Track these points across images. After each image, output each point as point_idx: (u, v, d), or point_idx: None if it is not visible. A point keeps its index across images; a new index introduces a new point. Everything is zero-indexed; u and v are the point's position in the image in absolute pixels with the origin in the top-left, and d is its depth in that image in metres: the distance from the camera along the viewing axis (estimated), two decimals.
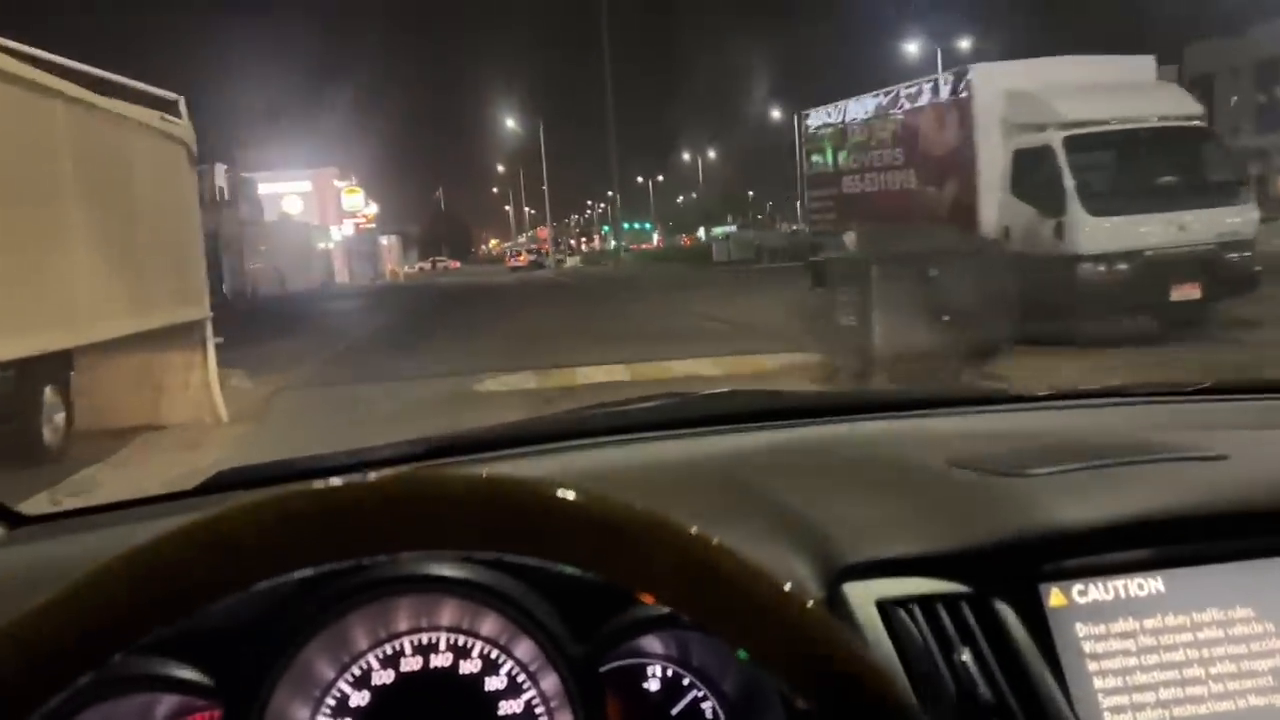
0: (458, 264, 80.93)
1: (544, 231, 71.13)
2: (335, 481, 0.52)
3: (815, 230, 15.97)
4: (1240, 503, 0.82)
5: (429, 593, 0.72)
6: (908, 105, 13.05)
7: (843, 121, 14.74)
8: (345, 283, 53.70)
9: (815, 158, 15.77)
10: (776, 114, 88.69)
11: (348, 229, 66.38)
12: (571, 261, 68.28)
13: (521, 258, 68.20)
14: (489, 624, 0.74)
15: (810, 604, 0.50)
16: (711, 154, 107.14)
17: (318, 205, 71.12)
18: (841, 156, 14.65)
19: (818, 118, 15.87)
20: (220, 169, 41.66)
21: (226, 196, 40.69)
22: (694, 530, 0.52)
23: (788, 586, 0.50)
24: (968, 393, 1.72)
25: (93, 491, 5.94)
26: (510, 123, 59.72)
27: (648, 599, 0.54)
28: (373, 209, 77.53)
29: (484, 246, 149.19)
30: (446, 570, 0.70)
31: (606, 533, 0.52)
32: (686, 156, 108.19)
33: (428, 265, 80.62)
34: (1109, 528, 0.78)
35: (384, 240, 78.99)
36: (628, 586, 0.53)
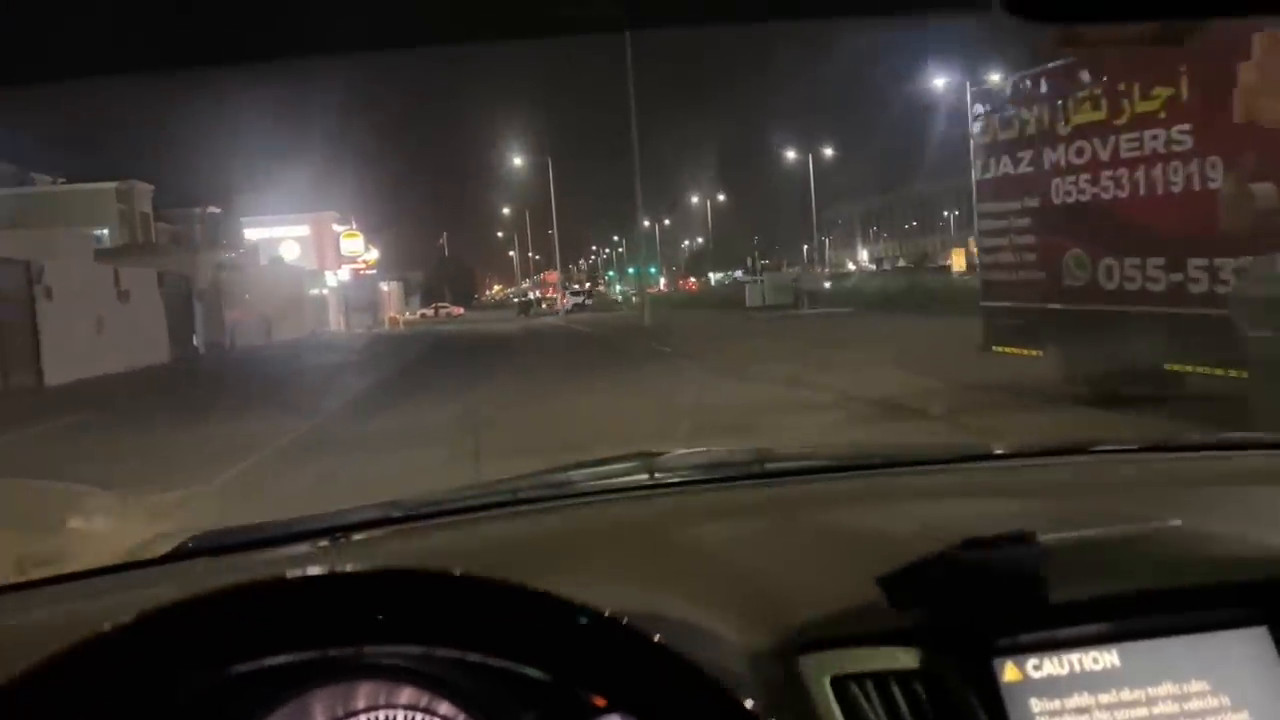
0: (461, 310, 76.62)
1: (552, 275, 66.91)
2: (310, 569, 0.54)
3: (991, 261, 10.56)
4: (1195, 575, 0.81)
5: (388, 680, 0.73)
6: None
7: (1052, 91, 9.31)
8: (339, 331, 49.33)
9: (992, 159, 10.32)
10: (790, 154, 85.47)
11: (344, 274, 62.25)
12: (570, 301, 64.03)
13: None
14: (445, 708, 0.74)
15: (754, 708, 0.52)
16: (721, 197, 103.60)
17: (316, 250, 67.30)
18: (1052, 149, 9.31)
19: (1004, 93, 10.25)
20: (196, 212, 37.57)
21: (199, 239, 36.25)
22: (651, 636, 0.54)
23: (747, 703, 0.53)
24: (933, 451, 1.50)
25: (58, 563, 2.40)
26: (517, 160, 55.62)
27: (599, 701, 0.57)
28: (374, 254, 73.75)
29: (488, 292, 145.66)
30: (408, 661, 0.70)
31: (562, 634, 0.54)
32: (695, 199, 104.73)
33: (430, 311, 76.23)
34: (1063, 600, 0.77)
35: (384, 286, 74.97)
36: (579, 688, 0.56)
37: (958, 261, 56.34)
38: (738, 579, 0.86)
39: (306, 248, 66.93)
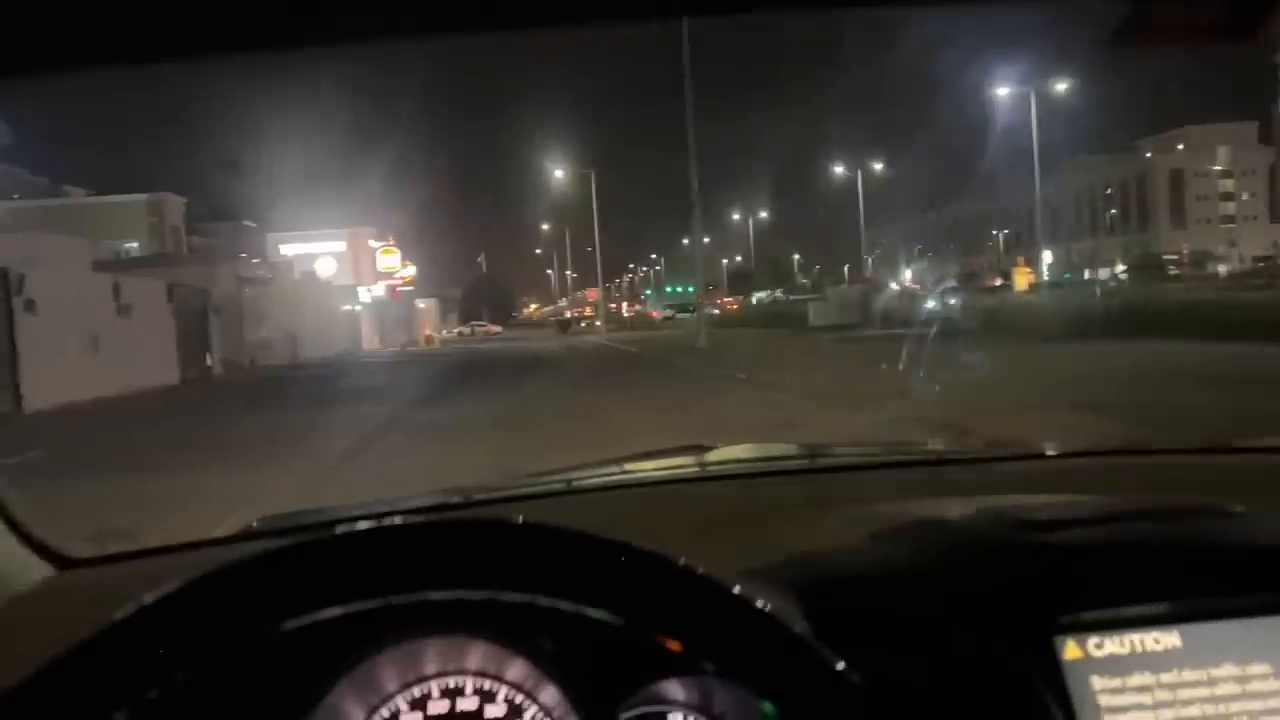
0: (498, 329, 73.84)
1: (594, 293, 63.97)
2: (376, 523, 0.55)
3: None
4: (1258, 557, 0.81)
5: (456, 635, 0.72)
6: None
7: None
8: (373, 349, 46.59)
9: None
10: (839, 169, 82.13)
11: (379, 290, 59.71)
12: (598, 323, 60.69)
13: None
14: (515, 669, 0.73)
15: (839, 664, 0.52)
16: (763, 214, 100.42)
17: (352, 266, 65.08)
18: None
19: None
20: (227, 225, 35.05)
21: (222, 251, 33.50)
22: (722, 579, 0.54)
23: (814, 643, 0.52)
24: (981, 451, 1.50)
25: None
26: (558, 173, 52.76)
27: (673, 645, 0.56)
28: (410, 271, 71.42)
29: (525, 311, 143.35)
30: (474, 612, 0.68)
31: (635, 578, 0.54)
32: (736, 217, 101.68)
33: (467, 330, 73.59)
34: (1126, 581, 0.77)
35: (420, 304, 72.49)
36: (654, 632, 0.56)
37: (1020, 280, 52.97)
38: (793, 563, 0.85)
39: (343, 264, 64.86)
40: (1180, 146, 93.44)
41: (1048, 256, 59.25)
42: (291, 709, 0.67)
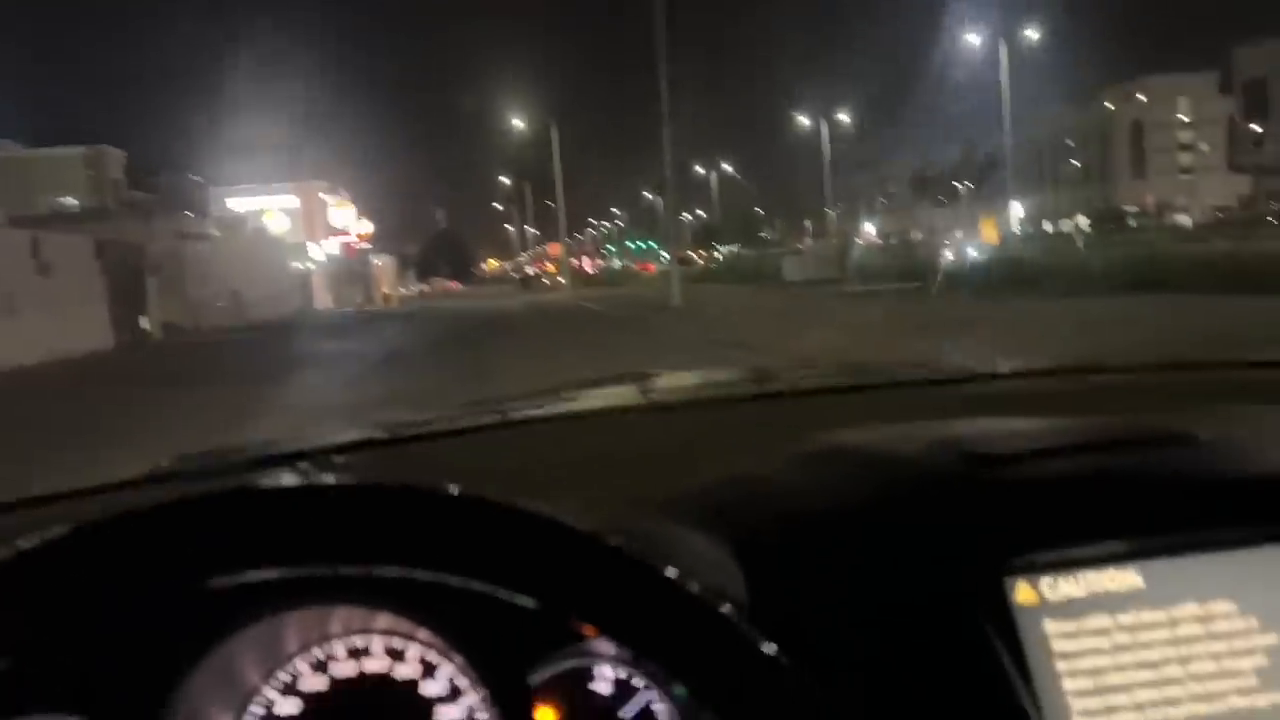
0: (458, 285, 71.48)
1: (555, 248, 61.90)
2: (290, 473, 0.53)
3: None
4: (1219, 489, 0.76)
5: (363, 604, 0.69)
6: None
7: None
8: (327, 309, 44.35)
9: None
10: (803, 120, 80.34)
11: (332, 247, 57.25)
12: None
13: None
14: (424, 633, 0.70)
15: (763, 645, 0.51)
16: (727, 168, 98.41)
17: (305, 222, 62.62)
18: None
19: None
20: (165, 178, 32.51)
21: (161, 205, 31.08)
22: (646, 560, 0.52)
23: (735, 618, 0.51)
24: (935, 372, 1.44)
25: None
26: (517, 122, 50.41)
27: (589, 630, 0.54)
28: (366, 227, 68.96)
29: (484, 266, 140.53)
30: (384, 585, 0.63)
31: (554, 559, 0.52)
32: (699, 170, 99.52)
33: (426, 287, 71.21)
34: (1082, 518, 0.72)
35: (377, 260, 70.06)
36: (570, 616, 0.54)
37: (988, 233, 51.77)
38: (725, 500, 0.81)
39: (295, 219, 62.35)
40: (1140, 97, 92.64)
41: (1017, 208, 58.01)
42: (174, 664, 0.64)
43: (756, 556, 0.70)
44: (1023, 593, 0.68)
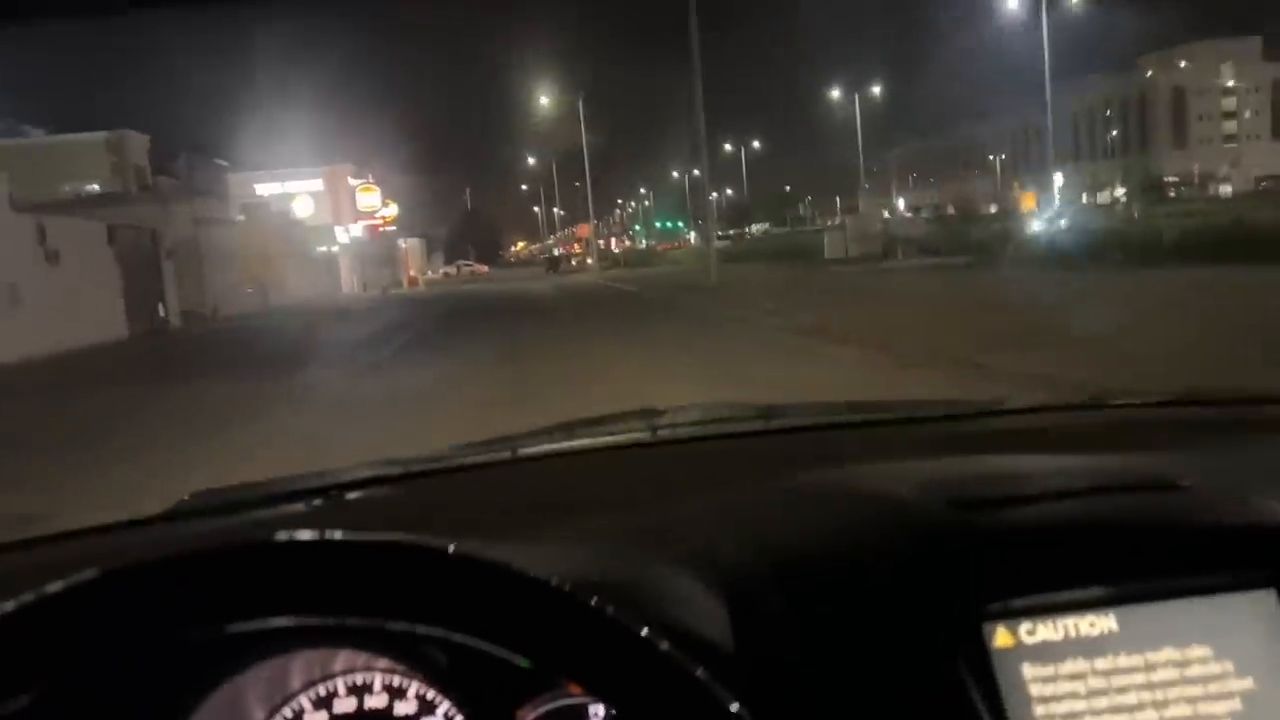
0: (485, 268, 70.28)
1: (584, 229, 60.56)
2: (296, 534, 0.55)
3: None
4: (1198, 534, 0.77)
5: (365, 650, 0.71)
6: None
7: None
8: (352, 294, 43.36)
9: None
10: (835, 94, 78.26)
11: (357, 230, 56.22)
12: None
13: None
14: (418, 681, 0.73)
15: (732, 706, 0.53)
16: (756, 145, 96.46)
17: (331, 206, 61.74)
18: None
19: None
20: (182, 161, 31.37)
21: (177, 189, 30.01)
22: (624, 620, 0.54)
23: (712, 686, 0.53)
24: (924, 408, 1.49)
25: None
26: (544, 100, 49.04)
27: (574, 689, 0.57)
28: (392, 210, 67.97)
29: (512, 249, 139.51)
30: (387, 636, 0.64)
31: (545, 620, 0.55)
32: (728, 148, 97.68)
33: (453, 270, 70.10)
34: (1061, 564, 0.73)
35: (403, 244, 69.07)
36: (558, 675, 0.57)
37: (1027, 203, 49.80)
38: (721, 537, 0.83)
39: (321, 203, 61.46)
40: (1183, 63, 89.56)
41: (1059, 179, 55.92)
42: (182, 701, 0.65)
43: (740, 596, 0.71)
44: (1001, 637, 0.68)
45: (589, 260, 62.99)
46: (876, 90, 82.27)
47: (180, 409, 9.72)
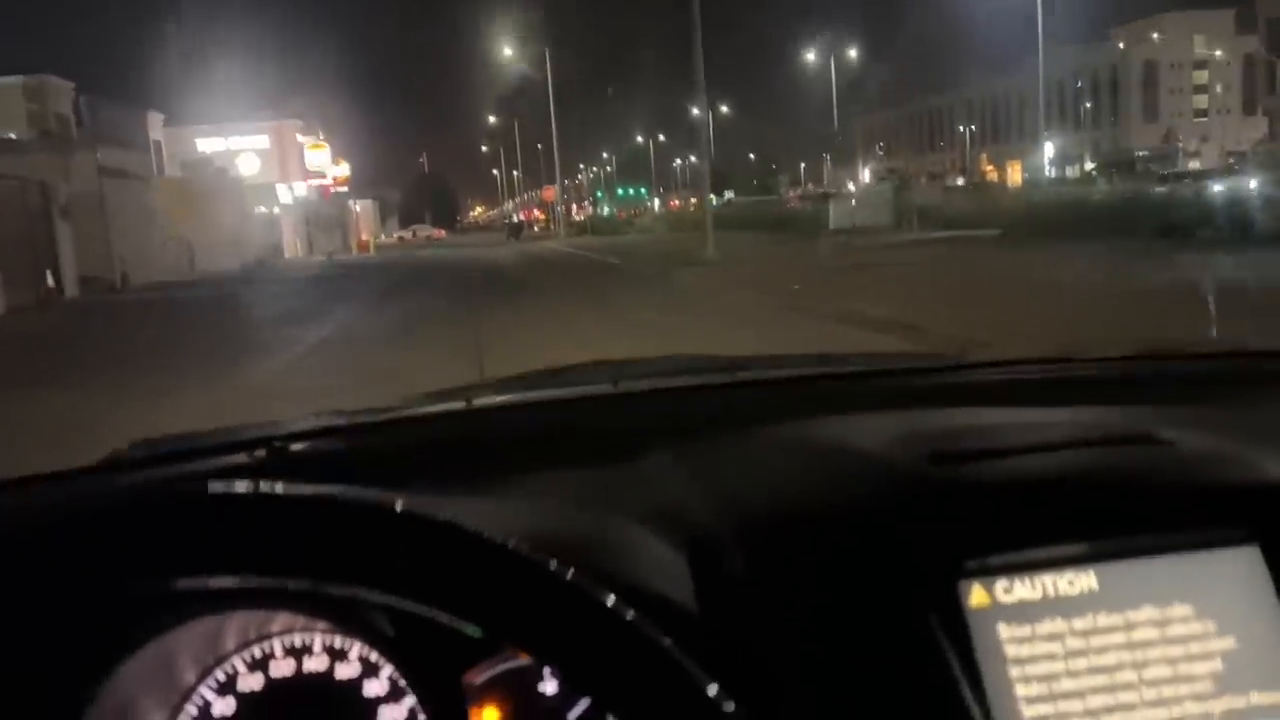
0: (442, 233, 65.79)
1: (549, 192, 56.48)
2: (238, 486, 0.53)
3: None
4: (1179, 490, 0.75)
5: (304, 613, 0.67)
6: None
7: None
8: (295, 258, 38.99)
9: None
10: (802, 60, 74.52)
11: (301, 189, 51.60)
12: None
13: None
14: (359, 642, 0.70)
15: (710, 687, 0.51)
16: (724, 109, 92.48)
17: (278, 164, 57.00)
18: None
19: None
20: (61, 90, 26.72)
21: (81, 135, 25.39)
22: (577, 583, 0.52)
23: (668, 647, 0.52)
24: (900, 360, 1.44)
25: None
26: (507, 51, 44.70)
27: (523, 656, 0.55)
28: (344, 170, 63.27)
29: (471, 214, 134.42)
30: (328, 599, 0.62)
31: (498, 587, 0.52)
32: (695, 111, 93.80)
33: (408, 234, 65.53)
34: (1039, 520, 0.70)
35: (356, 206, 64.40)
36: (508, 642, 0.54)
37: (1014, 175, 46.87)
38: (686, 493, 0.80)
39: (267, 161, 56.82)
40: (1155, 36, 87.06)
41: (1049, 149, 52.93)
42: (107, 656, 0.62)
43: (705, 554, 0.69)
44: (976, 595, 0.66)
45: (552, 226, 58.94)
46: (842, 58, 78.72)
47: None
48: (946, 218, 23.48)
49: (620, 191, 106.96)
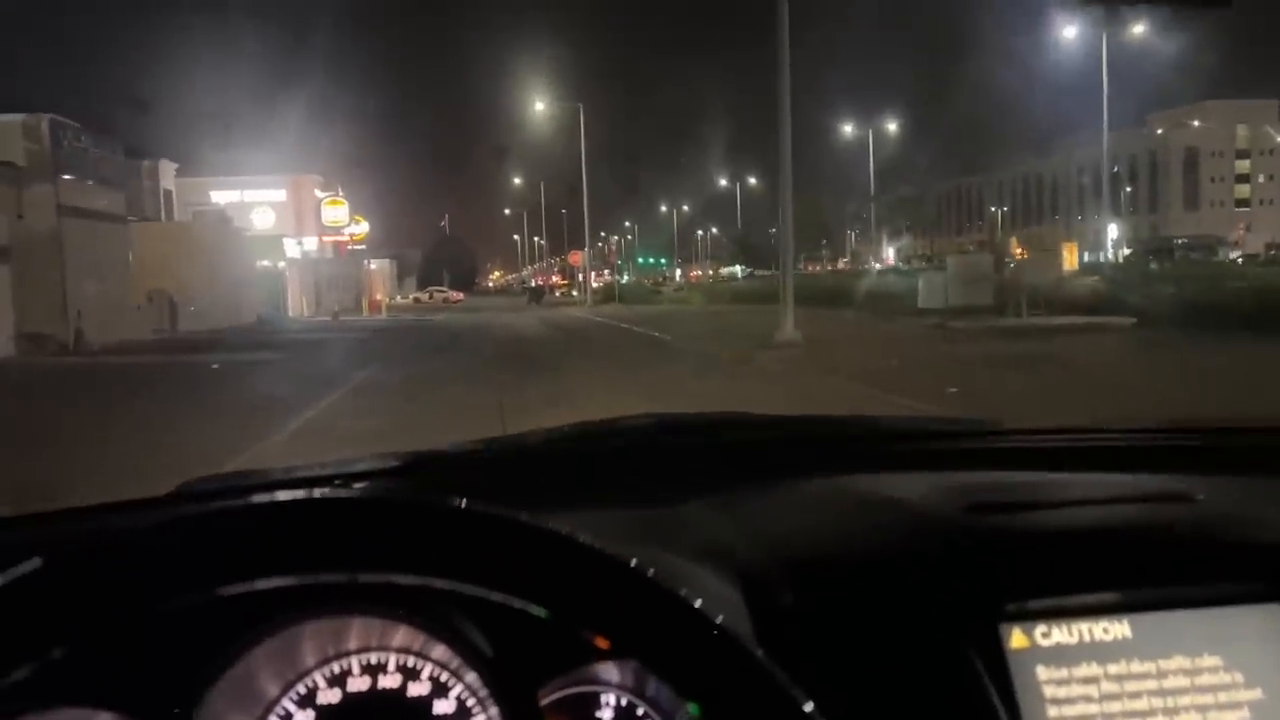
0: (460, 296, 62.07)
1: (577, 256, 52.85)
2: (306, 493, 0.54)
3: None
4: (1210, 546, 0.77)
5: (382, 618, 0.68)
6: None
7: None
8: (299, 318, 35.09)
9: None
10: (847, 128, 71.61)
11: (312, 243, 48.12)
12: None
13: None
14: (440, 649, 0.70)
15: (764, 660, 0.52)
16: (753, 181, 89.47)
17: (294, 218, 53.77)
18: None
19: None
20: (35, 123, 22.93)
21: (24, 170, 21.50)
22: (658, 578, 0.53)
23: (747, 643, 0.52)
24: (940, 424, 1.44)
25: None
26: (539, 106, 41.40)
27: (601, 643, 0.55)
28: (363, 228, 60.00)
29: (490, 278, 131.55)
30: (401, 594, 0.64)
31: (566, 572, 0.53)
32: (724, 183, 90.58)
33: (424, 296, 61.84)
34: (1077, 568, 0.73)
35: (373, 264, 60.94)
36: (582, 628, 0.55)
37: (1070, 258, 42.82)
38: (740, 536, 0.81)
39: (283, 214, 53.61)
40: (1196, 123, 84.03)
41: (1113, 231, 49.12)
42: (197, 676, 0.64)
43: (756, 589, 0.70)
44: (1017, 638, 0.68)
45: (575, 293, 55.19)
46: (879, 135, 75.79)
47: None
48: (1059, 300, 19.40)
49: (641, 260, 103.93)
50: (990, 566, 0.72)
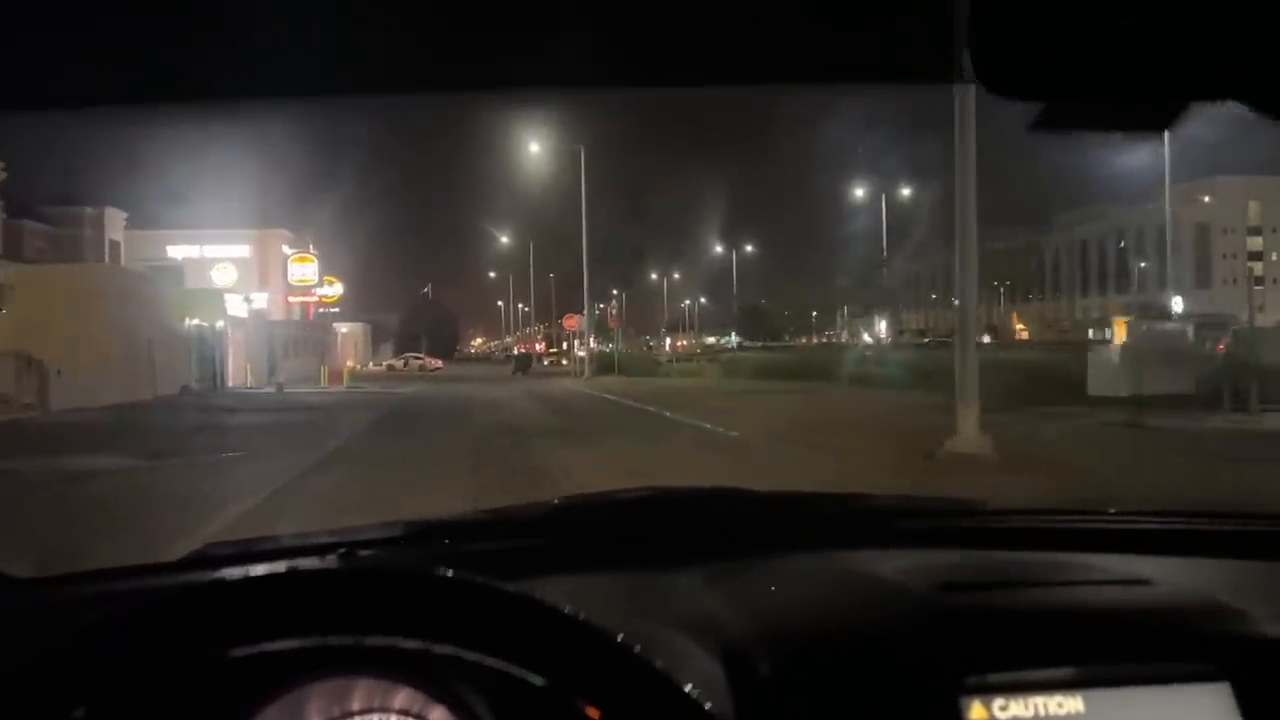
0: (439, 363, 55.44)
1: (573, 320, 46.44)
2: (319, 561, 0.58)
3: None
4: (1164, 628, 0.80)
5: (385, 680, 0.70)
6: None
7: None
8: (239, 388, 28.16)
9: None
10: (859, 192, 66.40)
11: (262, 302, 41.45)
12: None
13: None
14: (439, 712, 0.71)
15: None
16: (749, 248, 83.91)
17: (258, 276, 47.28)
18: None
19: None
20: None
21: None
22: (644, 655, 0.56)
23: (722, 716, 0.55)
24: (924, 503, 1.46)
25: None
26: (534, 147, 35.25)
27: (592, 713, 0.57)
28: (336, 290, 53.48)
29: (471, 345, 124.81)
30: (403, 658, 0.66)
31: (561, 643, 0.56)
32: (719, 249, 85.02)
33: (398, 363, 55.11)
34: (1035, 645, 0.76)
35: (343, 328, 54.28)
36: (574, 698, 0.57)
37: (1120, 333, 37.09)
38: (719, 609, 0.84)
39: (246, 272, 47.14)
40: (1206, 199, 79.65)
41: (1178, 303, 43.49)
42: None
43: (735, 660, 0.73)
44: (976, 711, 0.69)
45: (565, 361, 48.56)
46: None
47: None
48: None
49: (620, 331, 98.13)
50: (955, 642, 0.75)
